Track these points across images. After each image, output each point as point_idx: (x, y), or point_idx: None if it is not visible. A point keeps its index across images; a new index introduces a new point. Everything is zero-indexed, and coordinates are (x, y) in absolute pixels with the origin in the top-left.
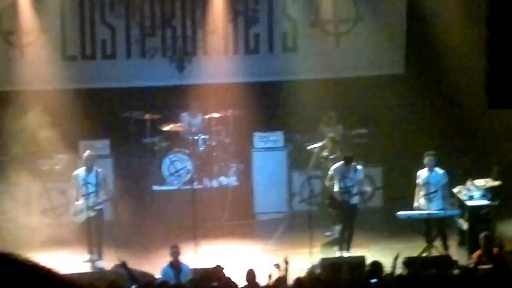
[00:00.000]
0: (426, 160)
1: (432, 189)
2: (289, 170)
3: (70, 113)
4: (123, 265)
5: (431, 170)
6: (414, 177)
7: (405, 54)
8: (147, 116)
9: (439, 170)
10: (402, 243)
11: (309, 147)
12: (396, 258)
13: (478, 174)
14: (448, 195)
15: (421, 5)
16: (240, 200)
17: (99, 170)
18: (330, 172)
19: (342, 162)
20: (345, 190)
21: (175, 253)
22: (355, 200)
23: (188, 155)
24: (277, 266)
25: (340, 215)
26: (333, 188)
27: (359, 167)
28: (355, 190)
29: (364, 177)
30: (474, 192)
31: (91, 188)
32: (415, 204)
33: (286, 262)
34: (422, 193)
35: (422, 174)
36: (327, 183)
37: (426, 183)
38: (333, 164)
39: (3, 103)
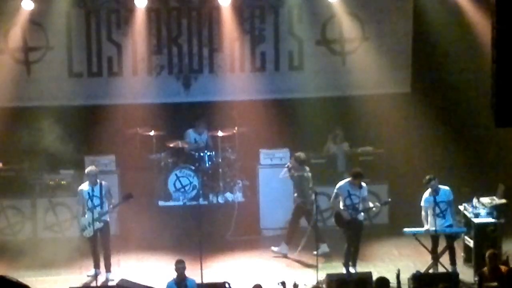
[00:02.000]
0: (430, 185)
1: (443, 207)
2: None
3: (76, 129)
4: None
5: (437, 190)
6: (420, 193)
7: (411, 72)
8: (153, 133)
9: (444, 188)
10: (408, 260)
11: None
12: (398, 276)
13: (484, 191)
14: (454, 211)
15: (427, 24)
16: (246, 216)
17: (103, 182)
18: (335, 190)
19: (347, 180)
20: (352, 207)
21: (181, 268)
22: (361, 216)
23: (194, 171)
24: (283, 284)
25: (346, 232)
26: (338, 206)
27: (363, 184)
28: (361, 207)
29: (368, 194)
30: (480, 209)
31: (97, 201)
32: (426, 227)
33: (296, 286)
34: (431, 213)
35: (429, 197)
36: (332, 201)
37: (436, 204)
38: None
39: (11, 119)
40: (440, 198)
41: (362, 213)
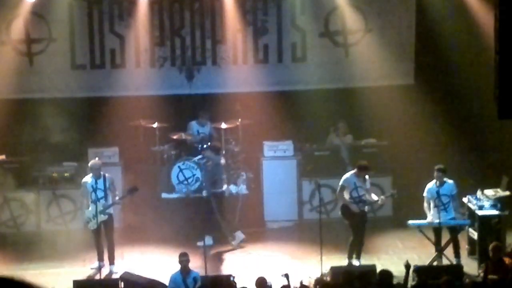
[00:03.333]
0: (436, 175)
1: (445, 200)
2: (298, 179)
3: (79, 121)
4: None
5: (442, 182)
6: (424, 186)
7: (415, 64)
8: (156, 125)
9: (448, 181)
10: (412, 252)
11: None
12: (408, 269)
13: (488, 184)
14: (458, 204)
15: (430, 16)
16: (250, 208)
17: (107, 175)
18: (341, 183)
19: (352, 171)
20: (359, 200)
21: (184, 261)
22: (366, 208)
23: (197, 163)
24: (286, 276)
25: (353, 224)
26: (344, 199)
27: (366, 176)
28: (365, 199)
29: (371, 186)
30: (484, 201)
31: (101, 194)
32: (429, 218)
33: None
34: (433, 205)
35: (432, 188)
36: (338, 194)
37: (439, 196)
38: None
39: (13, 111)
40: (443, 191)
41: (366, 205)
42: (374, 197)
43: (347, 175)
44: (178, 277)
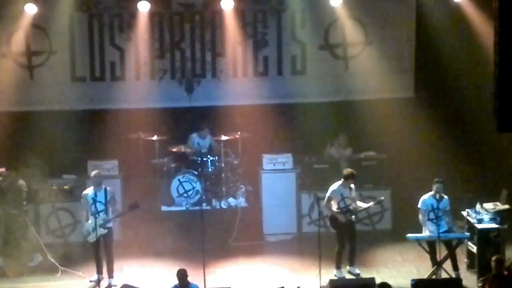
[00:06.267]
0: (435, 187)
1: (440, 214)
2: (298, 192)
3: (79, 134)
4: None
5: (440, 196)
6: None
7: (415, 77)
8: (155, 137)
9: (445, 196)
10: (411, 265)
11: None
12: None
13: (487, 197)
14: (453, 218)
15: (430, 29)
16: (249, 222)
17: (108, 188)
18: (328, 195)
19: (339, 183)
20: (346, 210)
21: (182, 276)
22: (353, 217)
23: (197, 176)
24: None
25: (341, 234)
26: (331, 210)
27: (351, 185)
28: (352, 208)
29: (369, 199)
30: (483, 215)
31: (101, 207)
32: (426, 233)
33: None
34: (427, 218)
35: (428, 200)
36: (325, 204)
37: (434, 209)
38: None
39: (13, 123)
40: (441, 205)
41: (354, 215)
42: (361, 204)
43: (334, 186)
44: None
